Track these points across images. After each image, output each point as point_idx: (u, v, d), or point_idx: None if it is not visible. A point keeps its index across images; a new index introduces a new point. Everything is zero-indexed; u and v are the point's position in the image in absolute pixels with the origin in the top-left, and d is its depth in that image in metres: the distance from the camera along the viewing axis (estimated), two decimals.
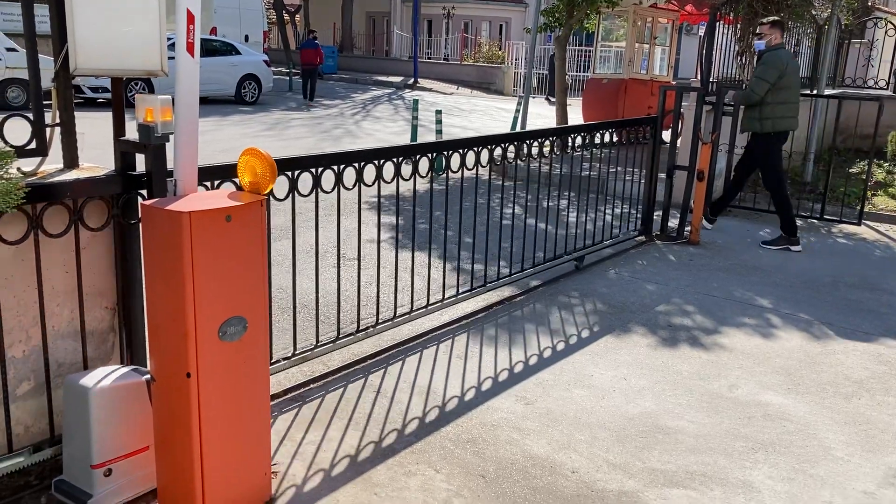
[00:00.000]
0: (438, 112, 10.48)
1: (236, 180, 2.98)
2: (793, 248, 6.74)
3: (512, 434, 3.40)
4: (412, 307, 4.50)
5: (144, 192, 2.90)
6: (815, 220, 7.84)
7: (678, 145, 7.18)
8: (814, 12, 10.00)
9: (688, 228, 6.88)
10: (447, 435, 3.37)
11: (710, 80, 7.83)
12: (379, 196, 4.28)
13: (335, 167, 3.73)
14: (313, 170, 3.59)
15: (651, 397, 3.82)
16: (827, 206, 7.83)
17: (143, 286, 2.69)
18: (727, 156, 8.00)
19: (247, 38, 24.14)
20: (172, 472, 2.62)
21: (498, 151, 4.93)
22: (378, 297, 4.29)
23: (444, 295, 4.65)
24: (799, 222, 7.78)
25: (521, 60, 26.01)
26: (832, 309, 5.24)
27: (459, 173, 4.56)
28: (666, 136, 7.53)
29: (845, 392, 3.98)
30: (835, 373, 4.21)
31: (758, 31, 6.97)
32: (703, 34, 9.25)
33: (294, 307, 3.87)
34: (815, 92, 9.84)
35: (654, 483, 3.08)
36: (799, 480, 3.14)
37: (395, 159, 4.01)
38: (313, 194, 3.62)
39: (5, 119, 2.68)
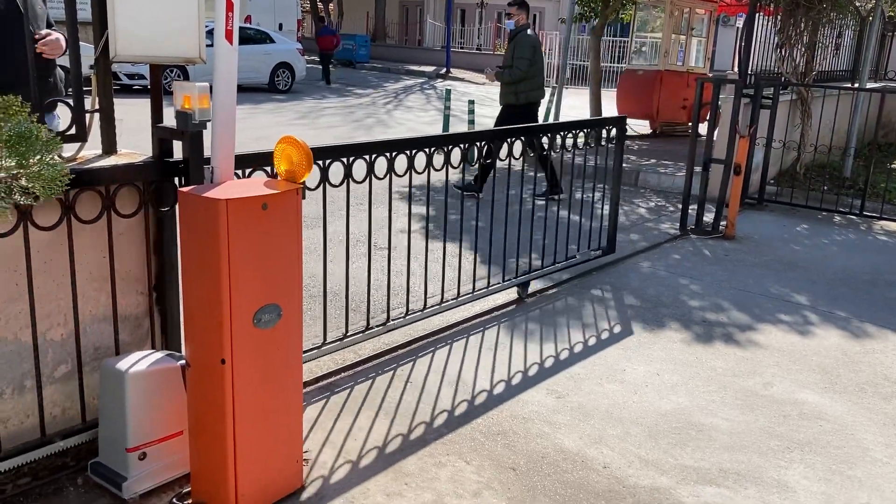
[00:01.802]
0: (471, 102, 10.44)
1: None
2: (557, 196, 7.19)
3: (543, 427, 3.38)
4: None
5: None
6: (855, 217, 7.68)
7: (714, 138, 7.08)
8: (857, 4, 9.77)
9: (723, 223, 6.78)
10: (478, 427, 3.36)
11: (749, 72, 7.70)
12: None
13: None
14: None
15: (684, 393, 3.78)
16: (867, 203, 7.65)
17: (179, 272, 2.71)
18: (765, 149, 7.87)
19: (280, 27, 24.27)
20: (205, 456, 2.65)
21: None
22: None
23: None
24: (837, 218, 7.65)
25: (555, 51, 25.79)
26: (871, 307, 5.13)
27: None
28: (702, 129, 7.42)
29: (884, 392, 3.90)
30: (873, 372, 4.13)
31: (507, 12, 7.65)
32: (741, 25, 9.08)
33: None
34: (856, 85, 9.63)
35: (686, 480, 3.04)
36: (836, 481, 3.09)
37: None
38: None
39: (46, 105, 2.71)
